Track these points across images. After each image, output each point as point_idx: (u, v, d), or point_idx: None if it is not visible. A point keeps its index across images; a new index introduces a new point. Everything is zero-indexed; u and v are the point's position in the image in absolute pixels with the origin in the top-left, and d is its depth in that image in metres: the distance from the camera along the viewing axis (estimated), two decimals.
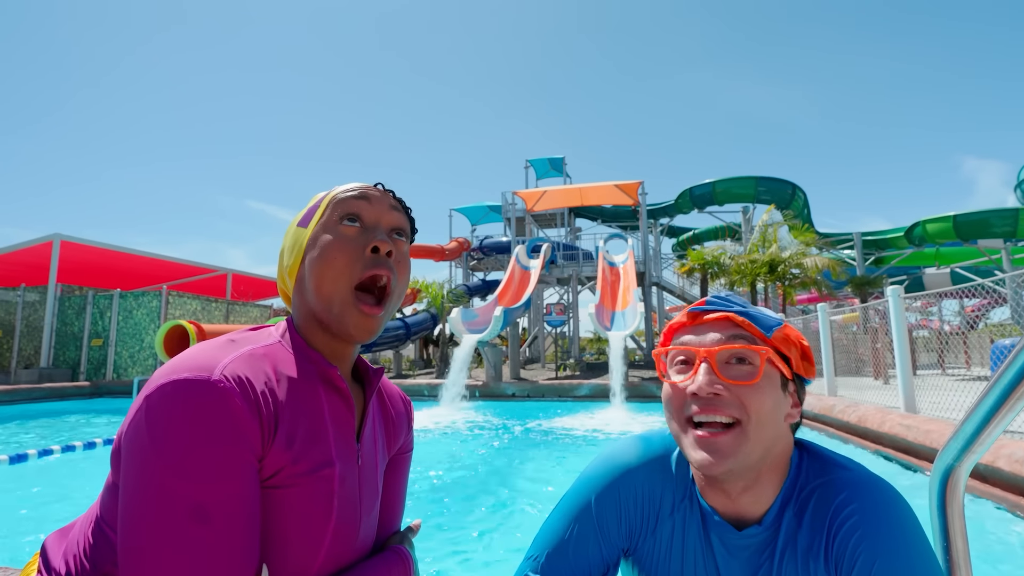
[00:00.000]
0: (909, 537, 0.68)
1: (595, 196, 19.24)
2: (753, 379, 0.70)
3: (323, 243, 0.68)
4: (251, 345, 0.63)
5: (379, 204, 0.72)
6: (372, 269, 0.68)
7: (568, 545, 0.83)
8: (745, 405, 0.70)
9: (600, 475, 0.85)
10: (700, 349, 0.73)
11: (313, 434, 0.62)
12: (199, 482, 0.50)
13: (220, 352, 0.58)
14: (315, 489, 0.60)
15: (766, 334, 0.73)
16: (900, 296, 5.01)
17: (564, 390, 10.89)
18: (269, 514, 0.57)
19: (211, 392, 0.52)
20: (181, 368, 0.54)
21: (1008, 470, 2.99)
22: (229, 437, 0.51)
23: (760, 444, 0.71)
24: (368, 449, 0.72)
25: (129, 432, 0.53)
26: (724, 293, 0.79)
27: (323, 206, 0.71)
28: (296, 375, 0.64)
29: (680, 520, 0.81)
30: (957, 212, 15.53)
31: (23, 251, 13.41)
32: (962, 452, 0.86)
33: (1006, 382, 0.77)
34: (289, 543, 0.58)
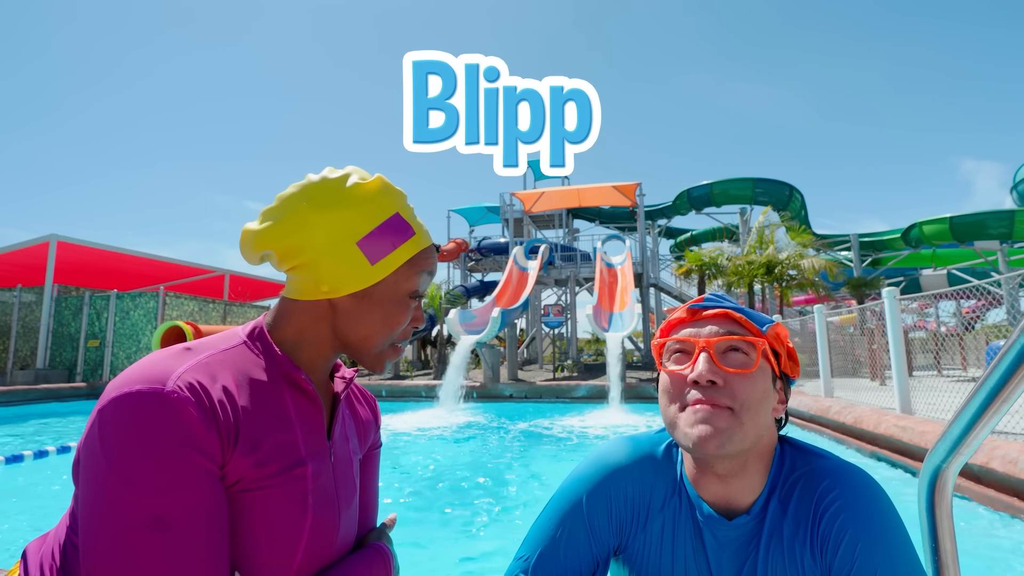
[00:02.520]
0: (888, 520, 0.73)
1: (593, 197, 19.26)
2: (749, 368, 0.75)
3: (390, 309, 0.70)
4: (209, 351, 0.62)
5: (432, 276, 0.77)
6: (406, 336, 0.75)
7: (559, 544, 0.85)
8: (738, 394, 0.73)
9: (590, 474, 0.87)
10: (699, 340, 0.77)
11: (278, 436, 0.62)
12: (156, 494, 0.49)
13: (174, 361, 0.57)
14: (288, 489, 0.61)
15: (761, 329, 0.79)
16: (896, 298, 5.03)
17: (562, 391, 10.89)
18: (242, 518, 0.57)
19: (164, 404, 0.51)
20: (134, 380, 0.53)
21: (1002, 471, 3.01)
22: (184, 448, 0.51)
23: (752, 431, 0.74)
24: (340, 446, 0.73)
25: (85, 447, 0.52)
26: (721, 293, 0.83)
27: (402, 253, 0.70)
28: (259, 377, 0.64)
29: (670, 515, 0.83)
30: (953, 214, 15.58)
31: (19, 252, 13.38)
32: (950, 453, 0.87)
33: (992, 383, 0.78)
34: (264, 544, 0.58)
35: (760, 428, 0.75)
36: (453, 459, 5.44)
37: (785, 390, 0.82)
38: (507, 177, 14.65)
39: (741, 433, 0.73)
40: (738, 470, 0.77)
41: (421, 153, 12.60)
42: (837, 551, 0.72)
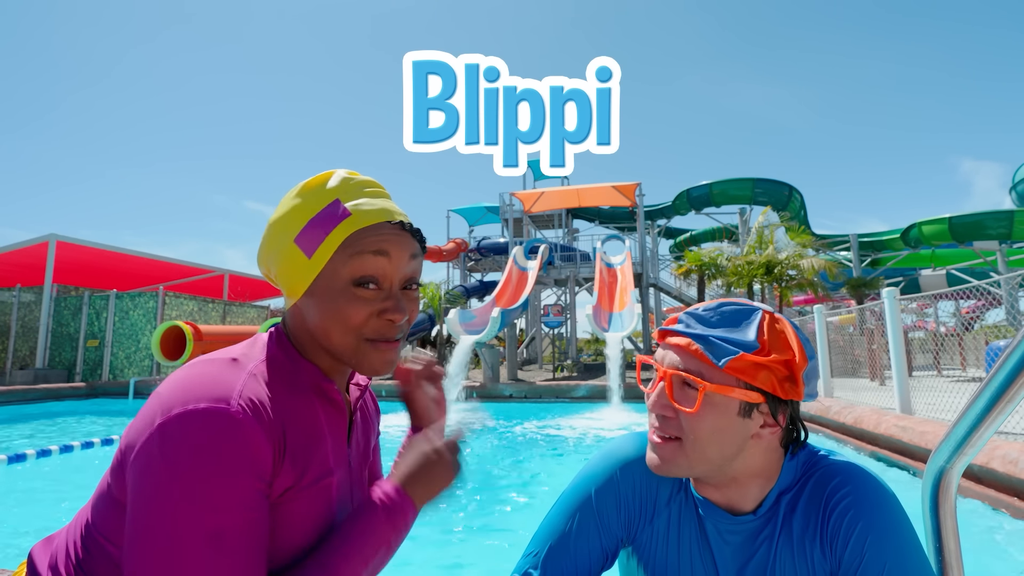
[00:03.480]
0: (896, 517, 0.73)
1: (593, 197, 19.28)
2: (691, 409, 0.73)
3: (330, 305, 0.64)
4: (252, 363, 0.62)
5: (398, 259, 0.66)
6: (384, 332, 0.66)
7: (569, 538, 0.86)
8: (686, 427, 0.74)
9: (600, 470, 0.89)
10: (660, 369, 0.78)
11: (313, 447, 0.63)
12: (216, 511, 0.50)
13: (230, 375, 0.58)
14: (316, 499, 0.62)
15: (718, 364, 0.72)
16: (896, 298, 5.04)
17: (562, 391, 10.90)
18: (275, 527, 0.58)
19: (229, 424, 0.52)
20: (199, 396, 0.54)
21: (1002, 471, 3.02)
22: (246, 468, 0.52)
23: (702, 460, 0.75)
24: (356, 452, 0.75)
25: (142, 457, 0.52)
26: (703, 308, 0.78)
27: (334, 239, 0.63)
28: (293, 389, 0.64)
29: (676, 510, 0.84)
30: (953, 214, 15.61)
31: (19, 251, 13.36)
32: (954, 454, 0.88)
33: (997, 384, 0.78)
34: (293, 552, 0.60)
35: (715, 457, 0.74)
36: None
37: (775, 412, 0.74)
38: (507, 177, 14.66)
39: (687, 463, 0.75)
40: (727, 483, 0.78)
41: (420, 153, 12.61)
42: (847, 546, 0.73)
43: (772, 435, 0.75)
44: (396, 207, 0.70)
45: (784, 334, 0.75)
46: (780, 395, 0.73)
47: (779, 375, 0.73)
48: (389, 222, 0.66)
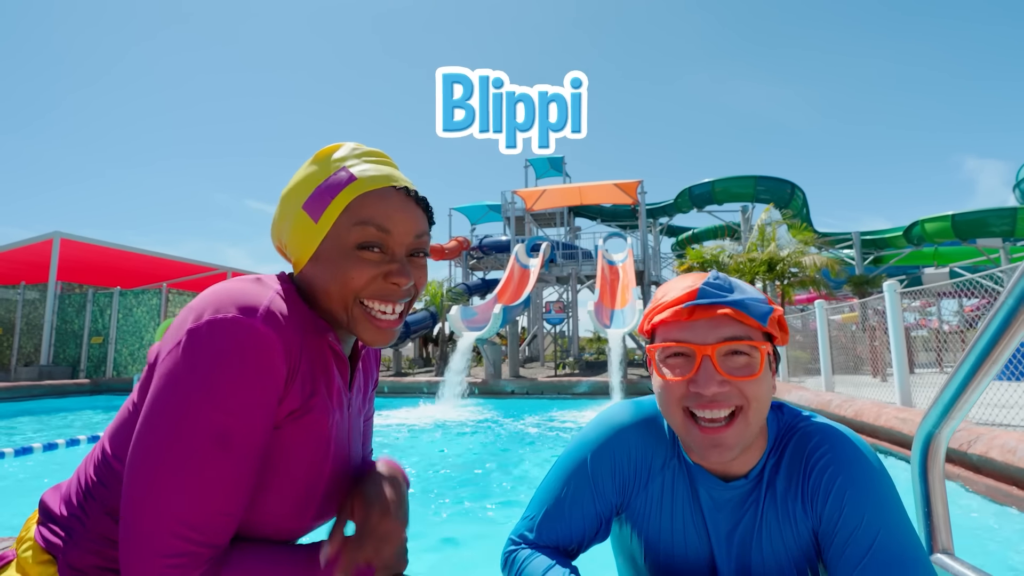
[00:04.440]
0: (873, 471, 0.75)
1: (594, 195, 19.28)
2: (754, 374, 0.73)
3: (334, 268, 0.65)
4: (276, 286, 0.65)
5: (403, 224, 0.67)
6: (386, 294, 0.67)
7: (564, 503, 0.88)
8: (746, 395, 0.72)
9: (595, 436, 0.90)
10: (700, 346, 0.73)
11: (322, 383, 0.66)
12: (227, 413, 0.53)
13: (259, 292, 0.60)
14: (317, 432, 0.64)
15: (762, 323, 0.74)
16: (897, 291, 5.05)
17: (563, 387, 10.92)
18: (276, 451, 0.60)
19: (254, 335, 0.55)
20: (227, 305, 0.56)
21: (1000, 460, 3.03)
22: (263, 379, 0.55)
23: (757, 424, 0.75)
24: (356, 397, 0.77)
25: (168, 359, 0.55)
26: (714, 276, 0.77)
27: (338, 203, 0.64)
28: (305, 323, 0.66)
29: (670, 476, 0.85)
30: (956, 211, 15.58)
31: (23, 249, 13.43)
32: (942, 418, 0.90)
33: (980, 348, 0.81)
34: (293, 480, 0.62)
35: (764, 417, 0.76)
36: (454, 453, 5.47)
37: (776, 360, 0.80)
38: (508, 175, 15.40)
39: (749, 433, 0.74)
40: (741, 454, 0.78)
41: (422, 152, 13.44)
42: (827, 500, 0.74)
43: (772, 387, 0.77)
44: (401, 175, 0.70)
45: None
46: (781, 343, 0.78)
47: (783, 325, 0.78)
48: (394, 187, 0.67)
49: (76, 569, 0.60)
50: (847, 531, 0.71)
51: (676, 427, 0.77)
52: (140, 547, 0.51)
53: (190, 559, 0.51)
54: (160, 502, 0.51)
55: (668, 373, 0.76)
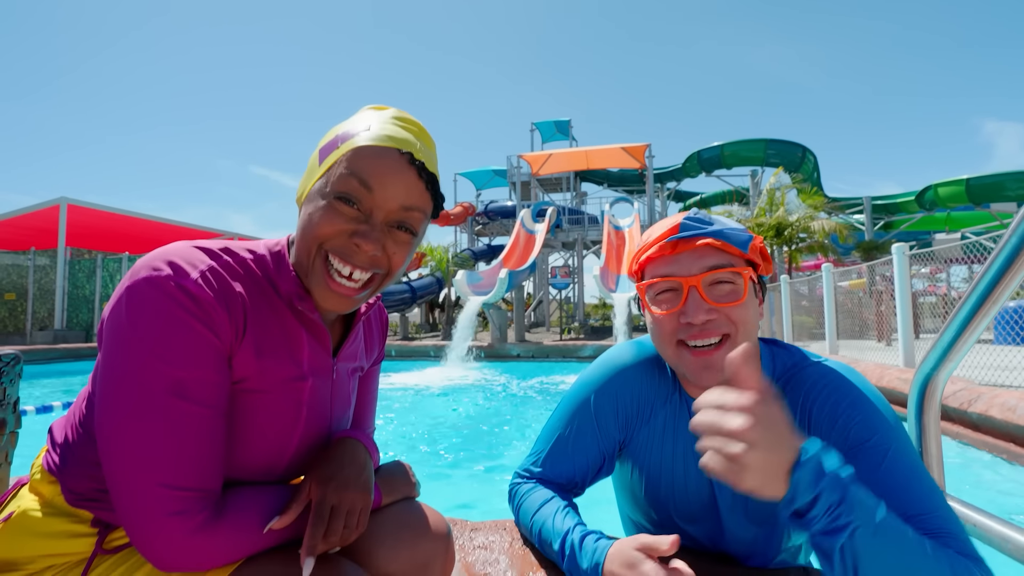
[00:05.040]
0: (878, 400, 0.77)
1: (601, 159, 18.99)
2: (739, 299, 0.76)
3: (311, 209, 0.63)
4: (239, 253, 0.65)
5: (390, 187, 0.63)
6: (345, 253, 0.63)
7: (568, 440, 0.91)
8: (733, 321, 0.76)
9: (598, 375, 0.92)
10: (685, 278, 0.76)
11: (284, 349, 0.66)
12: (175, 364, 0.54)
13: (203, 255, 0.60)
14: (285, 398, 0.66)
15: (743, 250, 0.78)
16: (905, 254, 5.02)
17: (568, 351, 11.04)
18: (240, 414, 0.62)
19: (186, 290, 0.56)
20: (163, 263, 0.57)
21: (1000, 418, 3.07)
22: (203, 329, 0.56)
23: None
24: (344, 364, 0.76)
25: (111, 317, 0.56)
26: (694, 212, 0.81)
27: (341, 150, 0.64)
28: (274, 292, 0.66)
29: (672, 411, 0.88)
30: (971, 175, 15.26)
31: (31, 215, 13.48)
32: (940, 360, 0.92)
33: (980, 291, 0.82)
34: (258, 442, 0.64)
35: (753, 342, 0.78)
36: (462, 414, 5.59)
37: (763, 290, 0.83)
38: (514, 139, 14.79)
39: None
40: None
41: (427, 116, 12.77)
42: (834, 425, 0.75)
43: (759, 314, 0.80)
44: (416, 142, 0.66)
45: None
46: (765, 272, 0.80)
47: (764, 254, 0.80)
48: (398, 151, 0.64)
49: (74, 492, 0.64)
50: (859, 446, 0.71)
51: (669, 358, 0.81)
52: (136, 505, 0.53)
53: (186, 505, 0.54)
54: (140, 459, 0.53)
55: (658, 308, 0.80)
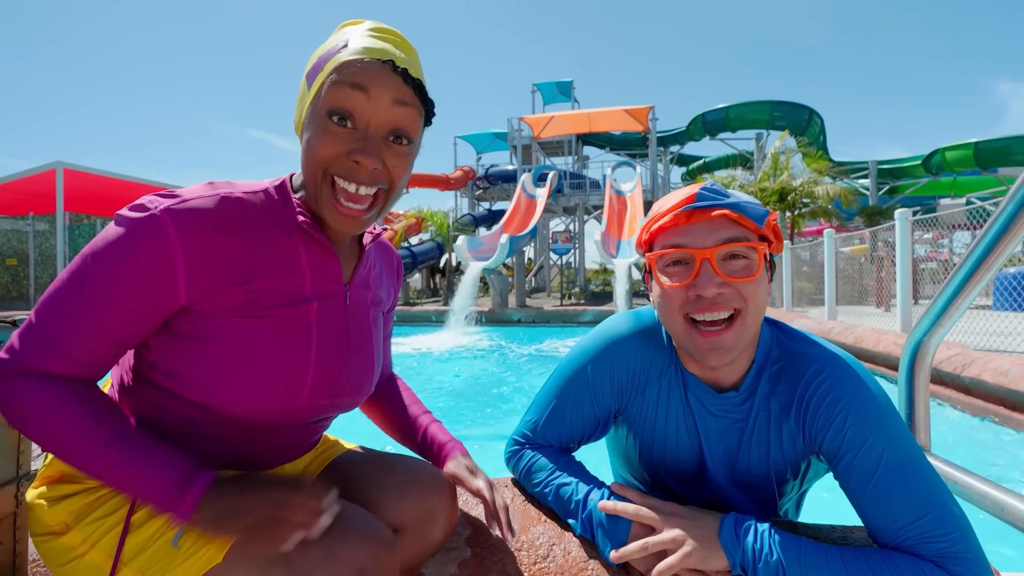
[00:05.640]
0: (873, 395, 0.77)
1: (604, 122, 18.63)
2: (753, 275, 0.75)
3: (308, 135, 0.65)
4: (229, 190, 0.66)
5: (378, 99, 0.64)
6: (349, 173, 0.65)
7: (565, 408, 0.93)
8: (744, 297, 0.75)
9: (595, 345, 0.93)
10: (699, 250, 0.75)
11: (281, 276, 0.67)
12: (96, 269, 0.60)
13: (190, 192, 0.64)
14: (290, 320, 0.67)
15: (759, 225, 0.76)
16: (908, 219, 4.99)
17: (569, 316, 11.11)
18: (246, 342, 0.65)
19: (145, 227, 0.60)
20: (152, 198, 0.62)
21: (992, 382, 3.13)
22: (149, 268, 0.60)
23: (754, 327, 0.78)
24: (359, 292, 0.77)
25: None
26: (710, 183, 0.79)
27: (326, 70, 0.64)
28: (271, 223, 0.67)
29: (667, 383, 0.89)
30: (979, 139, 15.01)
31: (27, 180, 13.35)
32: (932, 324, 0.94)
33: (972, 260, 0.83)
34: (271, 371, 0.66)
35: (760, 320, 0.79)
36: (463, 377, 5.68)
37: (771, 268, 0.82)
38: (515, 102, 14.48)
39: (747, 335, 0.77)
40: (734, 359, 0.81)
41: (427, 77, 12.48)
42: (829, 427, 0.77)
43: (768, 292, 0.79)
44: (396, 51, 0.65)
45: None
46: (777, 250, 0.79)
47: (776, 232, 0.79)
48: (380, 61, 0.64)
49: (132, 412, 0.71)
50: (853, 452, 0.74)
51: (676, 334, 0.80)
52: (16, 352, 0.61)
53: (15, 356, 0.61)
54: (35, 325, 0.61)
55: (667, 280, 0.78)
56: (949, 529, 0.68)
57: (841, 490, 0.78)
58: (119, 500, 0.65)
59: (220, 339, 0.64)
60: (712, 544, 0.73)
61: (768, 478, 0.86)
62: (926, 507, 0.69)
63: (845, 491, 0.77)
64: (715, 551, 0.72)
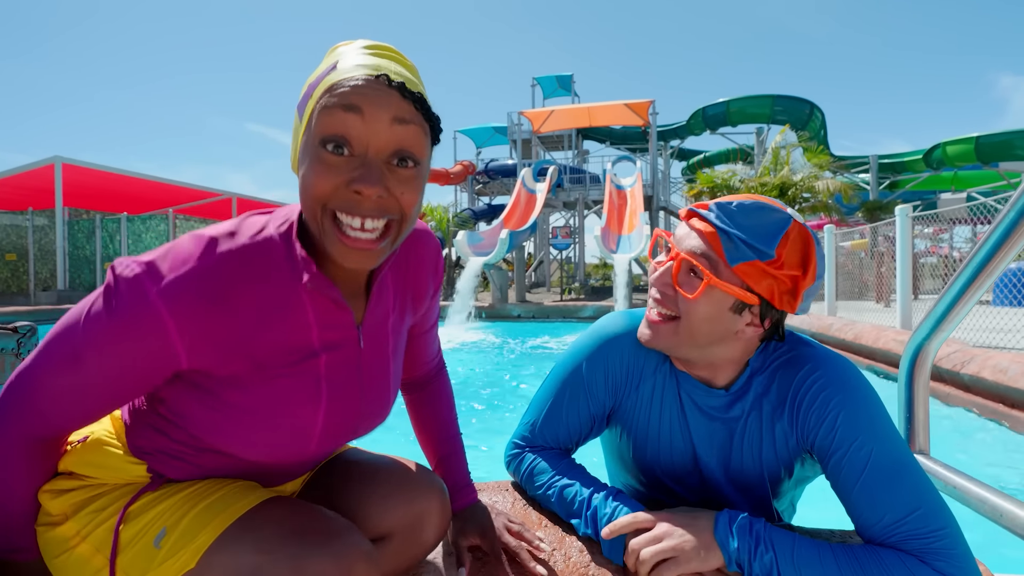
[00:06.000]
0: (865, 394, 0.79)
1: (604, 116, 18.57)
2: (692, 295, 0.77)
3: (304, 170, 0.59)
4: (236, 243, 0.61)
5: (375, 119, 0.57)
6: (351, 205, 0.58)
7: (561, 408, 0.95)
8: (683, 307, 0.79)
9: (589, 344, 0.95)
10: (674, 249, 0.81)
11: (286, 335, 0.64)
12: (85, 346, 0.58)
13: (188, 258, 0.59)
14: (298, 377, 0.65)
15: (729, 263, 0.75)
16: (908, 215, 4.99)
17: (569, 311, 11.12)
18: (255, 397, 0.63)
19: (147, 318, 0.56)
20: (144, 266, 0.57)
21: (991, 379, 3.13)
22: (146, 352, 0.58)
23: (693, 343, 0.81)
24: (374, 330, 0.73)
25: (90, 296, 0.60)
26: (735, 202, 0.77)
27: (315, 97, 0.58)
28: (276, 279, 0.63)
29: (660, 380, 0.91)
30: (981, 133, 14.97)
31: (26, 174, 13.32)
32: (933, 329, 0.94)
33: (975, 263, 0.83)
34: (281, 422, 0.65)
35: (704, 342, 0.80)
36: (463, 372, 5.69)
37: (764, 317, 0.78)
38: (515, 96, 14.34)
39: (676, 341, 0.81)
40: (703, 367, 0.85)
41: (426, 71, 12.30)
42: (821, 424, 0.78)
43: (754, 334, 0.80)
44: (389, 64, 0.59)
45: (804, 251, 0.76)
46: (776, 304, 0.77)
47: (782, 287, 0.76)
48: (373, 77, 0.57)
49: (135, 445, 0.69)
50: (843, 450, 0.76)
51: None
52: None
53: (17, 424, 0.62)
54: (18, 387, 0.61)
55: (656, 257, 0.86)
56: (935, 526, 0.70)
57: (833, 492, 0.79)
58: (117, 495, 0.67)
59: (226, 396, 0.63)
60: (708, 541, 0.74)
61: (762, 477, 0.88)
62: (913, 505, 0.71)
63: (834, 488, 0.79)
64: (711, 548, 0.74)
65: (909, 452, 0.76)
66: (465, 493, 0.89)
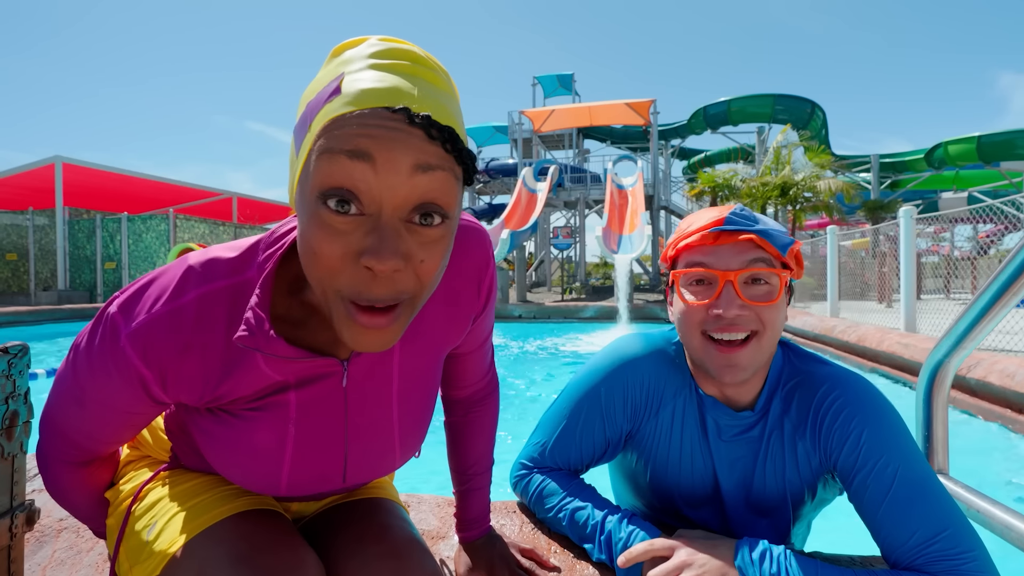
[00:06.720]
0: (886, 412, 0.78)
1: (605, 115, 18.53)
2: (772, 300, 0.76)
3: (302, 224, 0.46)
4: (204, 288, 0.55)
5: (391, 169, 0.43)
6: (360, 289, 0.45)
7: (575, 430, 0.92)
8: (763, 320, 0.76)
9: (607, 365, 0.92)
10: (723, 272, 0.77)
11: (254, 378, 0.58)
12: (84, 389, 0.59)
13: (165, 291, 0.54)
14: (265, 417, 0.60)
15: (782, 253, 0.78)
16: (912, 217, 4.96)
17: (570, 312, 11.10)
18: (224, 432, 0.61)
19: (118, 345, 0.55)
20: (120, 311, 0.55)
21: (998, 384, 3.11)
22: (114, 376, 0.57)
23: (769, 349, 0.79)
24: (370, 367, 0.62)
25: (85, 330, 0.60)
26: (740, 207, 0.81)
27: (313, 130, 0.45)
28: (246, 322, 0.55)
29: (681, 404, 0.89)
30: (982, 132, 14.93)
31: (26, 174, 13.31)
32: (953, 348, 0.92)
33: (1001, 282, 0.81)
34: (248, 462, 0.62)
35: (775, 343, 0.80)
36: None
37: (790, 294, 0.84)
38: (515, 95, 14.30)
39: (761, 357, 0.78)
40: (747, 380, 0.81)
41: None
42: (844, 443, 0.77)
43: (785, 316, 0.81)
44: (411, 87, 0.44)
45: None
46: (797, 276, 0.81)
47: (799, 259, 0.81)
48: (389, 108, 0.43)
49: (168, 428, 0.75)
50: (868, 469, 0.75)
51: (693, 349, 0.81)
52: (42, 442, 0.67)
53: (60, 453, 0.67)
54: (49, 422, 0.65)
55: (690, 297, 0.80)
56: (964, 548, 0.68)
57: (856, 514, 0.77)
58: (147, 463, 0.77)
59: (202, 423, 0.63)
60: (728, 570, 0.72)
61: (784, 500, 0.86)
62: (941, 525, 0.70)
63: (858, 509, 0.77)
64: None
65: (932, 472, 0.75)
66: (478, 524, 0.86)
